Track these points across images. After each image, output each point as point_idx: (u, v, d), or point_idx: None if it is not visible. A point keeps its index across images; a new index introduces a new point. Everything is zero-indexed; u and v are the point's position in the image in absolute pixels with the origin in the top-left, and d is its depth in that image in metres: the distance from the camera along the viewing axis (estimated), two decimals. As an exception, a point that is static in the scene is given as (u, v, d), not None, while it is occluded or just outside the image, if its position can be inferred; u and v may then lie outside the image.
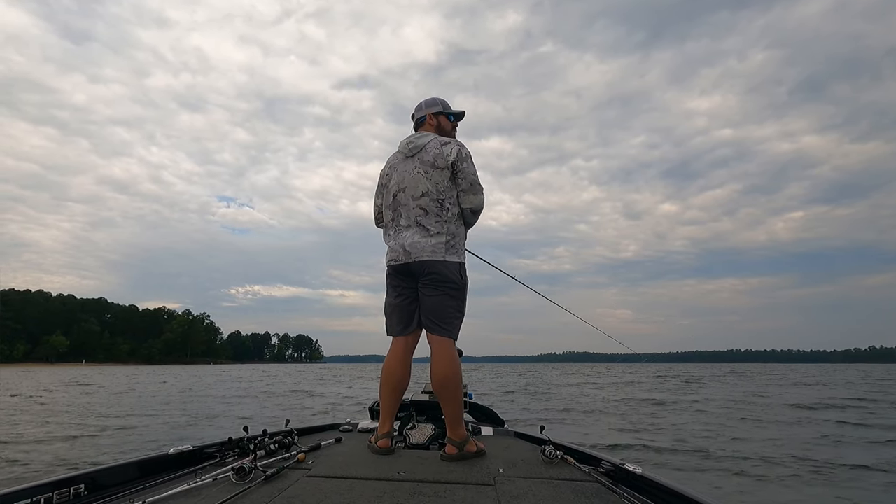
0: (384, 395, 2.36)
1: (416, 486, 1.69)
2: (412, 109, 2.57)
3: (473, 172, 2.36)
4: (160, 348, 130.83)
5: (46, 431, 7.32)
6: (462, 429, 2.20)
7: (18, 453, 5.58)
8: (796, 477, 4.55)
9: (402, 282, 2.35)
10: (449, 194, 2.30)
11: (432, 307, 2.26)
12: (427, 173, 2.28)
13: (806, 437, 6.77)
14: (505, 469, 1.97)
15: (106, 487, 1.67)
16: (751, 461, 5.17)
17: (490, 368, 65.09)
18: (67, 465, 5.01)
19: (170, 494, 1.54)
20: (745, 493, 4.15)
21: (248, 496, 1.54)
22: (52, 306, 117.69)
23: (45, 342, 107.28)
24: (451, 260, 2.26)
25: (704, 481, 4.48)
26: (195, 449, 2.08)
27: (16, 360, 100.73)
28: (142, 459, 1.88)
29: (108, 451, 5.77)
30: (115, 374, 41.86)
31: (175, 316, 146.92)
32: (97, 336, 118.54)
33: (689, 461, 5.26)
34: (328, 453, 2.26)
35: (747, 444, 6.20)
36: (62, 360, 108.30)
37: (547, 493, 1.64)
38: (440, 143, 2.33)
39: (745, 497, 4.03)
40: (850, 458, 5.26)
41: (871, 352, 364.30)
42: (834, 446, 6.16)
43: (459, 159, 2.30)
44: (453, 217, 2.30)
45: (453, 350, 2.28)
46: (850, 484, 4.34)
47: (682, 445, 6.12)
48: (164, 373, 43.33)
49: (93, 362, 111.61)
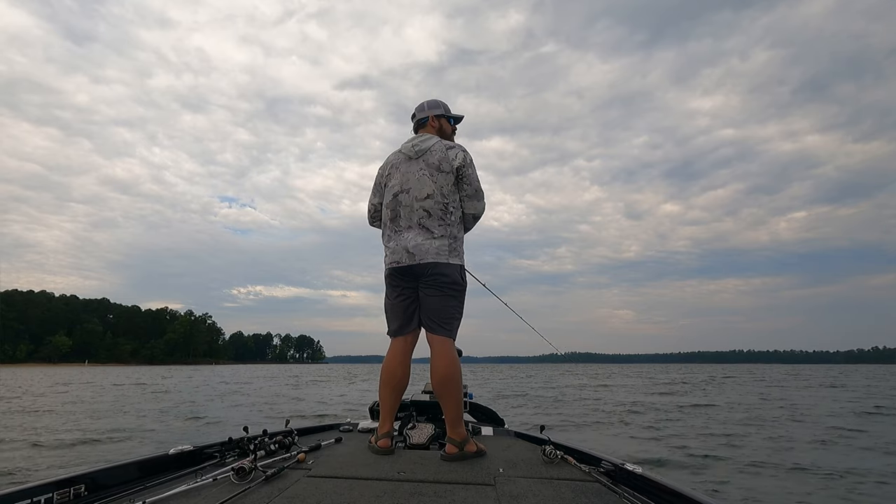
0: (384, 395, 2.37)
1: (417, 487, 1.69)
2: (413, 110, 2.58)
3: (477, 179, 2.38)
4: (162, 348, 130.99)
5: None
6: (462, 429, 2.21)
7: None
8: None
9: (402, 282, 2.35)
10: (452, 198, 2.31)
11: (434, 307, 2.27)
12: (433, 176, 2.29)
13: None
14: (505, 469, 1.97)
15: (106, 487, 1.67)
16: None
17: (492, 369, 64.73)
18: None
19: (170, 494, 1.54)
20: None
21: (249, 496, 1.54)
22: (55, 307, 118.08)
23: (49, 342, 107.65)
24: (454, 262, 2.28)
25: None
26: (195, 449, 2.07)
27: (19, 360, 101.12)
28: (142, 459, 1.88)
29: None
30: (158, 373, 42.10)
31: (177, 316, 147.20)
32: (100, 336, 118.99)
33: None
34: (328, 453, 2.26)
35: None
36: (65, 360, 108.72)
37: (547, 493, 1.64)
38: (445, 147, 2.34)
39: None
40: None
41: (875, 352, 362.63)
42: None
43: (465, 164, 2.32)
44: (456, 220, 2.32)
45: (453, 350, 2.29)
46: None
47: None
48: (194, 373, 43.32)
49: (95, 362, 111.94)
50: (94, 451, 5.94)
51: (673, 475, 4.56)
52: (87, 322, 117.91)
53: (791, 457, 5.51)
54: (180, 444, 2.07)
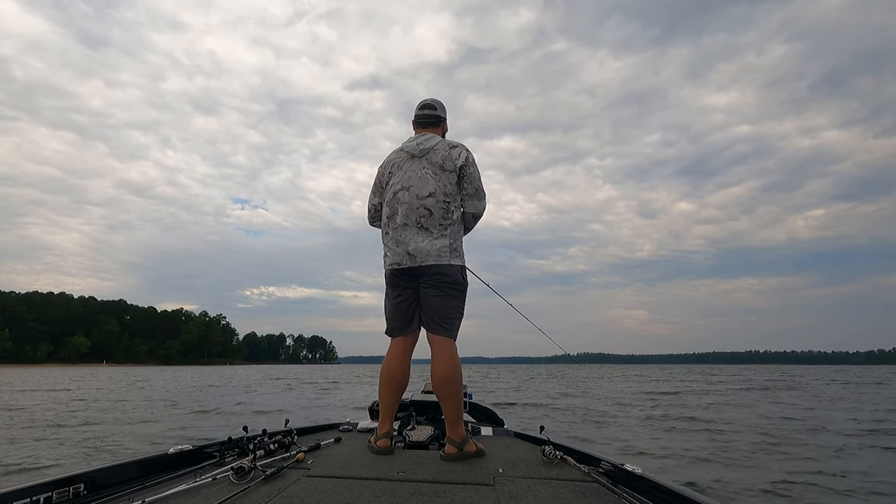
0: (384, 395, 2.37)
1: (416, 486, 1.68)
2: (422, 101, 2.56)
3: (479, 178, 2.38)
4: (178, 349, 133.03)
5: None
6: (462, 429, 2.20)
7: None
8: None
9: (402, 282, 2.35)
10: (454, 198, 2.31)
11: (435, 307, 2.26)
12: (436, 175, 2.29)
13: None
14: (505, 469, 1.96)
15: (105, 487, 1.69)
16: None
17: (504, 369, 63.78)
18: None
19: (169, 494, 1.55)
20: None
21: (248, 496, 1.55)
22: (74, 308, 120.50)
23: (68, 343, 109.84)
24: (455, 263, 2.28)
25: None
26: (195, 448, 2.09)
27: (39, 360, 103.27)
28: (141, 459, 1.90)
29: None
30: (207, 373, 42.80)
31: (192, 317, 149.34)
32: (117, 337, 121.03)
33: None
34: (328, 453, 2.26)
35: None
36: (83, 360, 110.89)
37: (547, 494, 1.63)
38: (448, 147, 2.35)
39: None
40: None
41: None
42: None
43: (468, 164, 2.32)
44: (456, 220, 2.32)
45: (454, 350, 2.28)
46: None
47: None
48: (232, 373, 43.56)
49: (112, 362, 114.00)
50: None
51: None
52: (104, 323, 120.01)
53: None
54: (181, 443, 2.09)
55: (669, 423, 8.30)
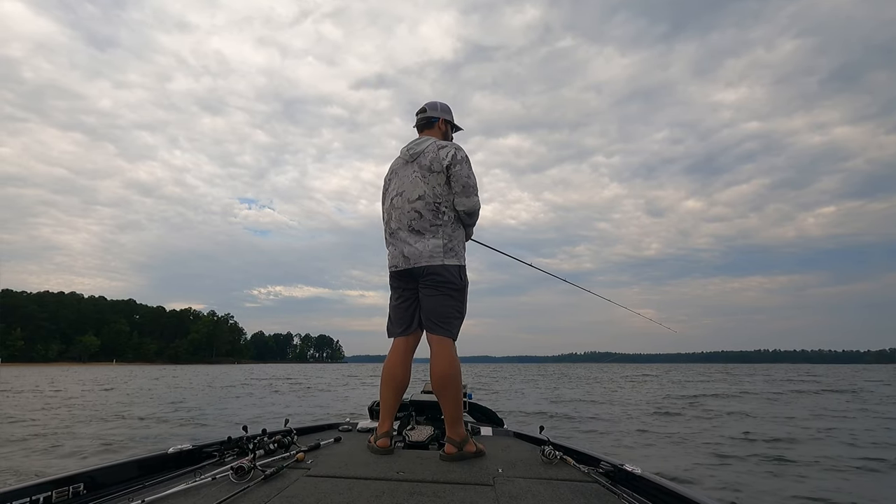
0: (384, 395, 2.38)
1: (416, 486, 1.68)
2: (422, 104, 2.57)
3: (467, 175, 2.34)
4: (186, 348, 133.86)
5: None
6: (461, 429, 2.20)
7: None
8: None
9: (402, 284, 2.39)
10: (445, 198, 2.32)
11: (432, 307, 2.27)
12: (425, 177, 2.31)
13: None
14: (504, 469, 1.95)
15: (105, 486, 1.70)
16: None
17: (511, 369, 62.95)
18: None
19: (169, 493, 1.56)
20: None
21: (248, 495, 1.55)
22: (84, 307, 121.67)
23: (78, 342, 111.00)
24: (450, 263, 2.28)
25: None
26: (194, 448, 2.10)
27: (51, 359, 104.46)
28: (141, 458, 1.91)
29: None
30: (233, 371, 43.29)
31: (200, 316, 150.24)
32: (126, 336, 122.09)
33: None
34: (327, 453, 2.27)
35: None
36: (93, 359, 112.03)
37: (546, 494, 1.63)
38: (437, 147, 2.35)
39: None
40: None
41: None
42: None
43: (454, 162, 2.31)
44: (450, 220, 2.32)
45: (453, 350, 2.28)
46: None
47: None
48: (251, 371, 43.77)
49: (122, 362, 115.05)
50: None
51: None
52: (114, 322, 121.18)
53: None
54: (181, 442, 2.10)
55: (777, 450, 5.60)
